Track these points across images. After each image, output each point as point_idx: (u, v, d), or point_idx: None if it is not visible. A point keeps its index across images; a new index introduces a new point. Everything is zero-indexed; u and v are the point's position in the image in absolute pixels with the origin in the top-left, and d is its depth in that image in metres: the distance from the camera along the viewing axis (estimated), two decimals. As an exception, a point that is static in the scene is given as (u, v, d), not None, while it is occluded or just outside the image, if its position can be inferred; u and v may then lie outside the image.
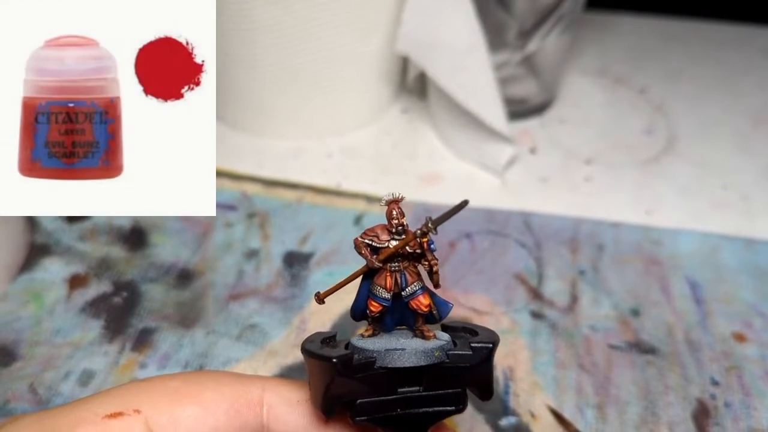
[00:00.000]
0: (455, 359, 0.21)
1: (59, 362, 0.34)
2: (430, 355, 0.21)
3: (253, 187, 0.46)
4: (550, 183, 0.47)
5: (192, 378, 0.23)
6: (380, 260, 0.22)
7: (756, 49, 0.61)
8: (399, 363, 0.21)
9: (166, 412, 0.22)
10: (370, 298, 0.23)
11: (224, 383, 0.23)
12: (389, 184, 0.46)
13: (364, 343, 0.22)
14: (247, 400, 0.23)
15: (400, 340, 0.22)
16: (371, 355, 0.21)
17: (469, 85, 0.44)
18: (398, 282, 0.23)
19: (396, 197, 0.22)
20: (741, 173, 0.48)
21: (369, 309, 0.23)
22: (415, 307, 0.23)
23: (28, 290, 0.38)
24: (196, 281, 0.39)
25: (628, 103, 0.55)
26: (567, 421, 0.32)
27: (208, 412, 0.22)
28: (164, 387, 0.22)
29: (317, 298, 0.23)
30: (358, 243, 0.23)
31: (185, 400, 0.22)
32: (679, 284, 0.39)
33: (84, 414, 0.21)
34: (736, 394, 0.34)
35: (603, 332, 0.37)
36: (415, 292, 0.23)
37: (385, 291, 0.23)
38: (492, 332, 0.23)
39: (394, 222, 0.22)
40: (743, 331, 0.37)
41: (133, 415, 0.21)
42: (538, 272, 0.40)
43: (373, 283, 0.23)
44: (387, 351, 0.21)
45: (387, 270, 0.23)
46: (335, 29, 0.45)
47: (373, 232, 0.23)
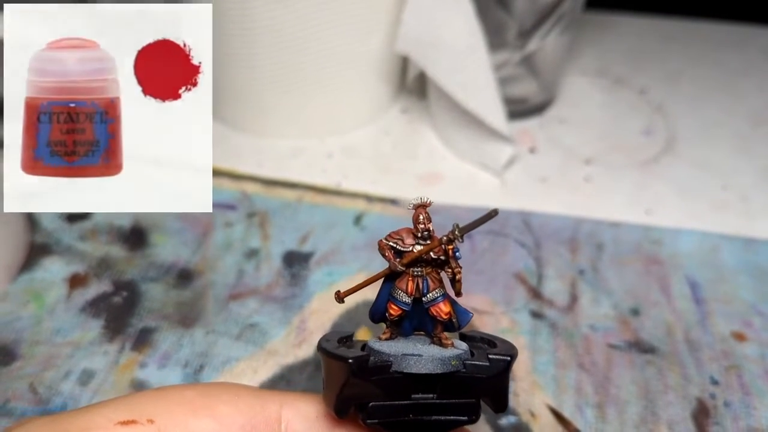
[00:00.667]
0: (472, 369, 0.21)
1: (59, 362, 0.34)
2: (447, 364, 0.21)
3: (252, 186, 0.46)
4: (549, 183, 0.47)
5: (208, 390, 0.23)
6: (403, 264, 0.22)
7: (756, 50, 0.61)
8: (415, 369, 0.21)
9: (181, 424, 0.21)
10: (391, 301, 0.23)
11: (241, 397, 0.23)
12: (389, 183, 0.46)
13: (381, 346, 0.22)
14: (265, 416, 0.23)
15: (418, 346, 0.22)
16: (387, 358, 0.21)
17: (469, 84, 0.44)
18: (420, 287, 0.22)
19: (424, 201, 0.22)
20: (740, 174, 0.48)
21: (389, 312, 0.23)
22: (435, 314, 0.23)
23: (29, 290, 0.38)
24: (196, 281, 0.39)
25: (627, 103, 0.55)
26: (567, 421, 0.33)
27: (223, 427, 0.22)
28: (180, 397, 0.22)
29: (337, 297, 0.23)
30: (382, 245, 0.22)
31: (200, 412, 0.22)
32: (678, 284, 0.40)
33: (97, 419, 0.20)
34: (735, 394, 0.34)
35: (603, 332, 0.37)
36: (436, 298, 0.23)
37: (406, 295, 0.22)
38: (511, 345, 0.23)
39: (420, 226, 0.22)
40: (743, 331, 0.37)
41: (146, 425, 0.21)
42: (537, 272, 0.40)
43: (395, 286, 0.23)
44: (404, 356, 0.21)
45: (409, 274, 0.22)
46: (335, 29, 0.45)
47: (398, 235, 0.22)
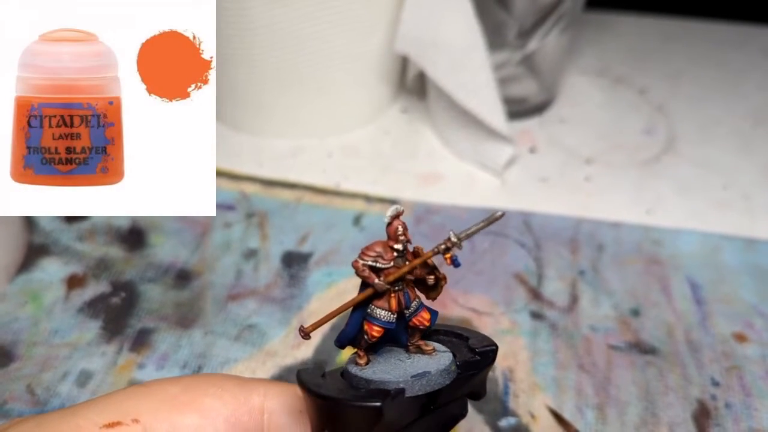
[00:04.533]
0: (466, 368, 0.21)
1: (57, 363, 0.34)
2: (451, 372, 0.20)
3: (252, 186, 0.45)
4: (549, 183, 0.47)
5: (193, 384, 0.23)
6: (389, 282, 0.21)
7: (756, 49, 0.61)
8: (429, 388, 0.20)
9: (165, 421, 0.21)
10: (369, 322, 0.21)
11: (226, 389, 0.23)
12: (388, 183, 0.46)
13: (376, 374, 0.21)
14: (248, 408, 0.22)
15: (407, 362, 0.21)
16: (397, 386, 0.20)
17: (469, 84, 0.44)
18: (401, 302, 0.21)
19: (399, 211, 0.21)
20: (741, 173, 0.48)
21: (370, 335, 0.21)
22: (417, 324, 0.21)
23: (26, 291, 0.38)
24: (195, 281, 0.39)
25: (628, 102, 0.55)
26: (567, 422, 0.32)
27: (208, 420, 0.22)
28: (164, 393, 0.22)
29: (302, 333, 0.21)
30: (358, 266, 0.21)
31: (185, 408, 0.22)
32: (679, 284, 0.39)
33: (81, 422, 0.20)
34: (736, 395, 0.34)
35: (603, 332, 0.37)
36: (418, 308, 0.21)
37: (390, 314, 0.21)
38: (481, 334, 0.22)
39: (402, 238, 0.20)
40: (744, 332, 0.37)
41: (131, 425, 0.21)
42: (537, 272, 0.40)
43: (373, 306, 0.21)
44: (412, 379, 0.20)
45: (391, 291, 0.21)
46: (335, 29, 0.45)
47: (374, 251, 0.21)
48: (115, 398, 0.22)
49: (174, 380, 0.23)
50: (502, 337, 0.36)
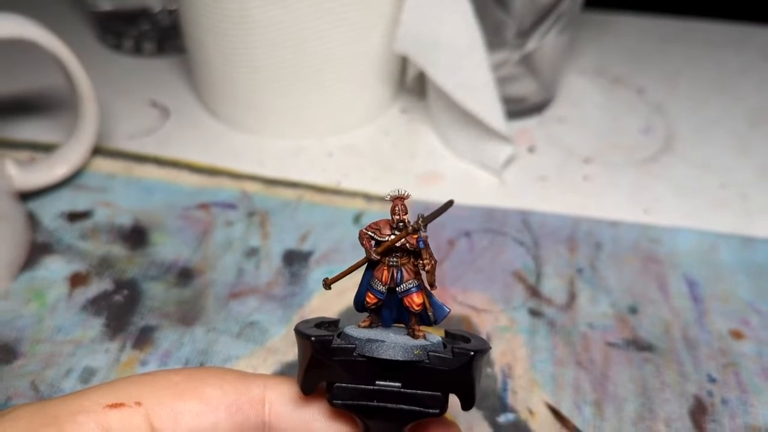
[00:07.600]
0: (435, 361, 0.21)
1: (61, 360, 0.34)
2: (409, 352, 0.21)
3: (253, 185, 0.46)
4: (548, 182, 0.47)
5: (194, 374, 0.23)
6: (378, 252, 0.23)
7: (754, 50, 0.62)
8: (376, 353, 0.21)
9: (167, 406, 0.22)
10: (368, 289, 0.23)
11: (226, 380, 0.23)
12: (388, 183, 0.46)
13: (354, 332, 0.22)
14: (249, 397, 0.23)
15: (390, 335, 0.22)
16: (352, 341, 0.22)
17: (468, 84, 0.45)
18: (394, 277, 0.23)
19: (401, 194, 0.23)
20: (739, 173, 0.48)
21: (366, 300, 0.23)
22: (407, 305, 0.23)
23: (30, 288, 0.38)
24: (197, 279, 0.39)
25: (626, 102, 0.55)
26: (565, 418, 0.33)
27: (209, 407, 0.22)
28: (166, 381, 0.23)
29: (325, 284, 0.24)
30: (361, 234, 0.23)
31: (187, 394, 0.22)
32: (676, 282, 0.40)
33: (85, 403, 0.21)
34: (733, 391, 0.34)
35: (601, 330, 0.37)
36: (409, 289, 0.23)
37: (381, 284, 0.23)
38: (483, 341, 0.23)
39: (396, 217, 0.23)
40: (740, 329, 0.37)
41: (134, 407, 0.21)
42: (536, 270, 0.40)
43: (373, 275, 0.23)
44: (368, 340, 0.22)
45: (385, 264, 0.23)
46: (335, 29, 0.45)
47: (377, 225, 0.23)
48: (119, 384, 0.22)
49: (176, 370, 0.24)
50: (500, 334, 0.37)
